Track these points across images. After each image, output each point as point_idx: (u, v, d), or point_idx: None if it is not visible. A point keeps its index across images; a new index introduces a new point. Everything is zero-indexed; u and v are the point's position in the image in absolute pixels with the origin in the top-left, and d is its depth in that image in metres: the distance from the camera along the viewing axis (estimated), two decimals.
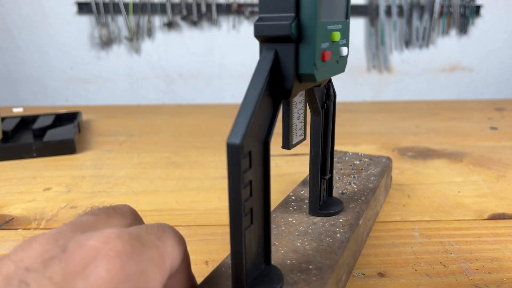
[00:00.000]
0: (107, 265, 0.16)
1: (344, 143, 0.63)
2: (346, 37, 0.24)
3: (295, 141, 0.25)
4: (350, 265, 0.29)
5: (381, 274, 0.30)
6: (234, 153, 0.19)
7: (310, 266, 0.24)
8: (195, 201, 0.44)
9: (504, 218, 0.39)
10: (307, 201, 0.33)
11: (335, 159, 0.43)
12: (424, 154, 0.58)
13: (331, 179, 0.32)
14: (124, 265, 0.16)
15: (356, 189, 0.36)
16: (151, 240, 0.19)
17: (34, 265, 0.16)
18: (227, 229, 0.29)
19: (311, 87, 0.26)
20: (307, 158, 0.57)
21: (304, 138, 0.26)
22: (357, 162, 0.42)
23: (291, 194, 0.35)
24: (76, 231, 0.19)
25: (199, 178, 0.50)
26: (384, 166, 0.41)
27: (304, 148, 0.62)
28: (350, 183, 0.37)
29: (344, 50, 0.24)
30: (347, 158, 0.44)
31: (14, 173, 0.53)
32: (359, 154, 0.45)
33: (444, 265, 0.31)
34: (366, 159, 0.43)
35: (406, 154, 0.58)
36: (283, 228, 0.29)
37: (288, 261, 0.25)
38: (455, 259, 0.32)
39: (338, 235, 0.28)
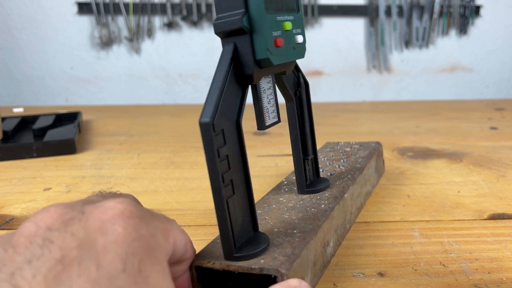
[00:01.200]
0: (123, 223, 0.17)
1: None
2: (301, 27, 0.28)
3: (268, 122, 0.28)
4: (338, 234, 0.33)
5: (381, 274, 0.30)
6: (206, 130, 0.22)
7: (295, 231, 0.27)
8: (195, 201, 0.44)
9: (504, 218, 0.39)
10: None
11: (327, 149, 0.46)
12: (424, 154, 0.58)
13: (315, 159, 0.35)
14: (137, 226, 0.18)
15: (344, 170, 0.38)
16: (159, 216, 0.21)
17: (55, 225, 0.17)
18: None
19: (279, 76, 0.30)
20: None
21: (279, 121, 0.29)
22: (348, 149, 0.45)
23: (284, 180, 0.38)
24: (87, 204, 0.20)
25: (199, 178, 0.50)
26: (373, 149, 0.44)
27: None
28: (339, 166, 0.40)
29: (299, 38, 0.27)
30: (338, 147, 0.46)
31: (15, 173, 0.53)
32: (351, 142, 0.48)
33: (444, 265, 0.31)
34: (356, 146, 0.46)
35: (406, 154, 0.59)
36: (273, 206, 0.32)
37: (276, 229, 0.28)
38: (455, 259, 0.32)
39: (322, 205, 0.31)
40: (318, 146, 0.47)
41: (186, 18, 1.70)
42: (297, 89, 0.32)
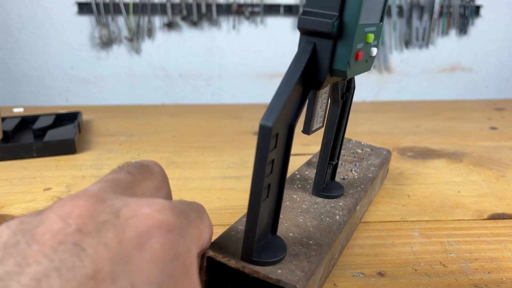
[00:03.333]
0: (161, 239, 0.16)
1: None
2: (378, 38, 0.25)
3: (314, 127, 0.27)
4: (343, 245, 0.32)
5: (381, 274, 0.30)
6: (265, 134, 0.20)
7: (311, 242, 0.26)
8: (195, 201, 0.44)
9: (503, 218, 0.39)
10: (311, 181, 0.36)
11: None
12: (424, 154, 0.58)
13: (336, 165, 0.35)
14: (176, 241, 0.16)
15: (356, 177, 0.38)
16: (194, 219, 0.19)
17: (88, 227, 0.15)
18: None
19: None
20: (307, 158, 0.57)
21: (322, 126, 0.28)
22: (359, 151, 0.45)
23: (296, 172, 0.38)
24: (117, 191, 0.18)
25: (199, 178, 0.50)
26: (384, 158, 0.44)
27: (305, 148, 0.62)
28: (351, 170, 0.40)
29: (374, 51, 0.25)
30: (350, 145, 0.46)
31: (15, 173, 0.53)
32: (362, 143, 0.47)
33: (444, 265, 0.31)
34: (367, 149, 0.46)
35: (406, 154, 0.59)
36: (287, 203, 0.32)
37: (291, 234, 0.27)
38: (455, 259, 0.32)
39: (337, 217, 0.31)
40: None
41: (186, 18, 1.70)
42: (345, 93, 0.31)
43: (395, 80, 1.86)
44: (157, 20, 1.71)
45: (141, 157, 0.59)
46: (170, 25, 1.71)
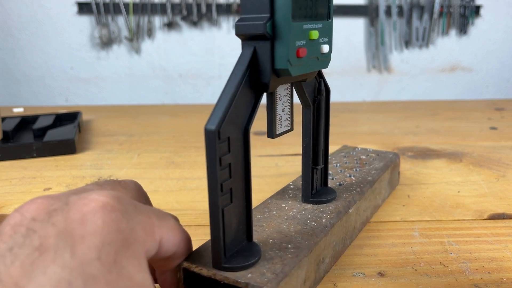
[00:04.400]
0: (103, 215, 0.18)
1: (344, 143, 0.63)
2: (328, 35, 0.26)
3: (279, 131, 0.27)
4: (336, 250, 0.31)
5: (381, 274, 0.30)
6: (211, 138, 0.21)
7: (289, 245, 0.26)
8: (195, 201, 0.44)
9: (503, 218, 0.39)
10: None
11: (342, 154, 0.44)
12: (424, 154, 0.58)
13: (325, 169, 0.34)
14: (117, 219, 0.18)
15: (354, 181, 0.37)
16: (147, 211, 0.21)
17: (40, 216, 0.18)
18: None
19: (299, 82, 0.28)
20: None
21: (291, 129, 0.28)
22: (363, 157, 0.43)
23: (291, 184, 0.37)
24: (74, 194, 0.20)
25: (199, 178, 0.50)
26: (389, 161, 0.42)
27: None
28: (350, 176, 0.38)
29: (324, 48, 0.25)
30: (354, 153, 0.45)
31: (15, 173, 0.53)
32: (368, 149, 0.46)
33: (444, 265, 0.31)
34: (373, 154, 0.44)
35: (406, 154, 0.59)
36: (274, 212, 0.31)
37: (271, 240, 0.27)
38: (455, 259, 0.32)
39: (323, 220, 0.30)
40: (335, 148, 0.46)
41: (186, 18, 1.70)
42: (316, 96, 0.31)
43: (395, 80, 1.86)
44: (157, 20, 1.71)
45: (141, 157, 0.59)
46: (170, 25, 1.71)
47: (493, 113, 0.86)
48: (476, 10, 1.78)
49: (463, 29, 1.80)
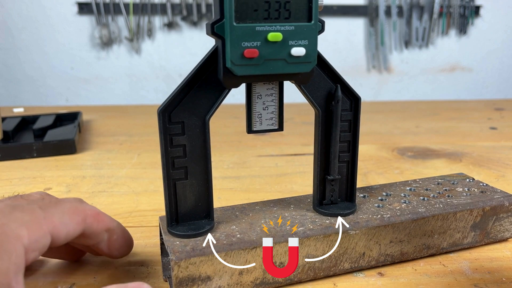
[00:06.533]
0: None
1: None
2: (308, 38, 0.25)
3: (257, 128, 0.28)
4: (302, 271, 0.29)
5: (381, 274, 0.30)
6: (159, 118, 0.26)
7: (238, 235, 0.27)
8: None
9: None
10: (309, 199, 0.33)
11: (440, 179, 0.37)
12: (424, 154, 0.58)
13: (349, 183, 0.31)
14: None
15: (398, 208, 0.31)
16: (30, 208, 0.24)
17: None
18: None
19: (298, 85, 0.28)
20: (307, 158, 0.57)
21: (279, 129, 0.29)
22: (460, 189, 0.35)
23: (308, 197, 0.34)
24: None
25: None
26: (484, 202, 0.33)
27: (305, 148, 0.62)
28: (405, 202, 0.32)
29: (296, 51, 0.25)
30: (455, 182, 0.37)
31: (15, 173, 0.53)
32: (482, 184, 0.36)
33: (444, 265, 0.32)
34: (475, 189, 0.35)
35: (406, 154, 0.59)
36: (275, 208, 0.31)
37: (234, 227, 0.29)
38: (455, 259, 0.32)
39: (303, 228, 0.28)
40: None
41: (186, 18, 1.70)
42: (333, 104, 0.29)
43: (395, 80, 1.86)
44: (157, 20, 1.71)
45: (141, 157, 0.59)
46: (170, 25, 1.71)
47: (493, 113, 0.86)
48: (476, 10, 1.78)
49: (463, 29, 1.80)
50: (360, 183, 0.48)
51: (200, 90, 0.26)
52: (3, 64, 1.73)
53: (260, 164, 0.55)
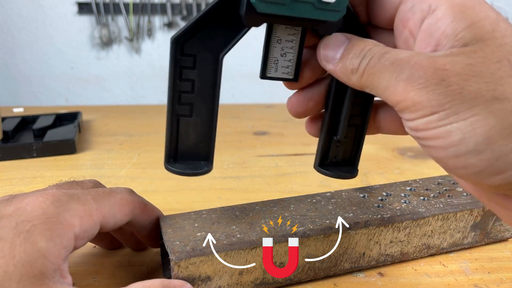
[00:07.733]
0: (33, 205, 0.23)
1: None
2: None
3: (271, 74, 0.26)
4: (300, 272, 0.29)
5: (381, 274, 0.30)
6: (171, 46, 0.23)
7: (238, 236, 0.27)
8: (195, 201, 0.44)
9: None
10: (333, 199, 0.33)
11: (440, 180, 0.37)
12: (424, 154, 0.58)
13: (354, 148, 0.30)
14: (46, 208, 0.23)
15: (398, 209, 0.31)
16: (84, 199, 0.25)
17: None
18: None
19: (314, 34, 0.26)
20: (307, 158, 0.57)
21: (294, 79, 0.27)
22: (459, 189, 0.35)
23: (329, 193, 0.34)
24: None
25: (199, 178, 0.50)
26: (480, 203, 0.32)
27: (305, 148, 0.62)
28: (406, 202, 0.33)
29: None
30: (455, 182, 0.36)
31: (15, 173, 0.53)
32: None
33: (443, 265, 0.32)
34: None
35: (406, 154, 0.59)
36: (292, 207, 0.32)
37: (238, 213, 0.30)
38: (454, 259, 0.32)
39: (303, 227, 0.28)
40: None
41: (186, 18, 1.70)
42: None
43: None
44: (157, 20, 1.72)
45: (141, 157, 0.59)
46: (170, 25, 1.71)
47: None
48: None
49: None
50: (360, 183, 0.48)
51: (218, 25, 0.24)
52: (3, 64, 1.73)
53: (260, 164, 0.55)
